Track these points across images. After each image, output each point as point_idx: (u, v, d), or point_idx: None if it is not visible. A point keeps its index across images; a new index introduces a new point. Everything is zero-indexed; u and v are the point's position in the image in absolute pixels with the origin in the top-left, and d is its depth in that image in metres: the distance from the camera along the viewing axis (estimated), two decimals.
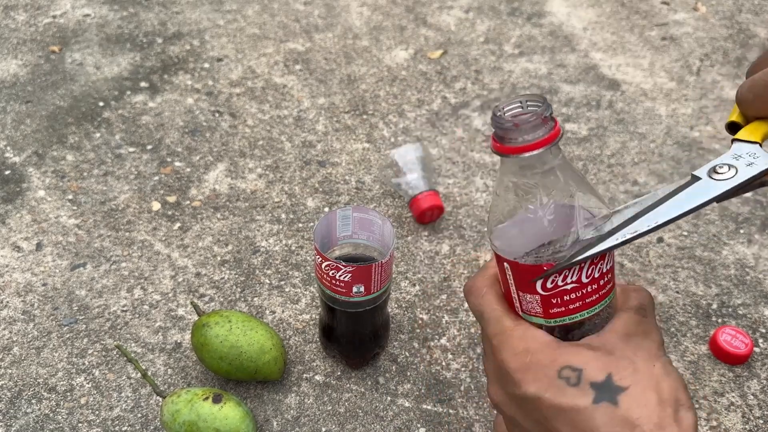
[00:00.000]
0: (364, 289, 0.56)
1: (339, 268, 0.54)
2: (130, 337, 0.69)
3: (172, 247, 0.79)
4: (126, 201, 0.85)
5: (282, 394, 0.64)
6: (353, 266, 0.54)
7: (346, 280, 0.55)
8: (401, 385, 0.65)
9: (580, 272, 0.37)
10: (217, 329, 0.61)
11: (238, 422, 0.57)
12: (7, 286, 0.75)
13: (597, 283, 0.38)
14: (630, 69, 1.11)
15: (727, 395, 0.64)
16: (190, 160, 0.92)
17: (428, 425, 0.62)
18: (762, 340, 0.69)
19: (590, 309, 0.38)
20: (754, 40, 1.18)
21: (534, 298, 0.38)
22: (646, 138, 0.96)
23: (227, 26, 1.21)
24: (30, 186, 0.87)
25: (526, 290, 0.38)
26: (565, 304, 0.38)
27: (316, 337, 0.69)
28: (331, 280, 0.56)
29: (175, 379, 0.65)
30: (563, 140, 0.95)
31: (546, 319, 0.39)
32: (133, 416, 0.62)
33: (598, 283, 0.38)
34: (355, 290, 0.56)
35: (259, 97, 1.03)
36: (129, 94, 1.04)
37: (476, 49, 1.15)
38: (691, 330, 0.70)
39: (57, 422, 0.62)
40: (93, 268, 0.76)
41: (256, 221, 0.83)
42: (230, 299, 0.73)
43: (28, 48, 1.14)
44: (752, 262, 0.77)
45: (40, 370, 0.66)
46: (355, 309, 0.58)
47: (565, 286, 0.37)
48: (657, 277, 0.76)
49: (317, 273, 0.58)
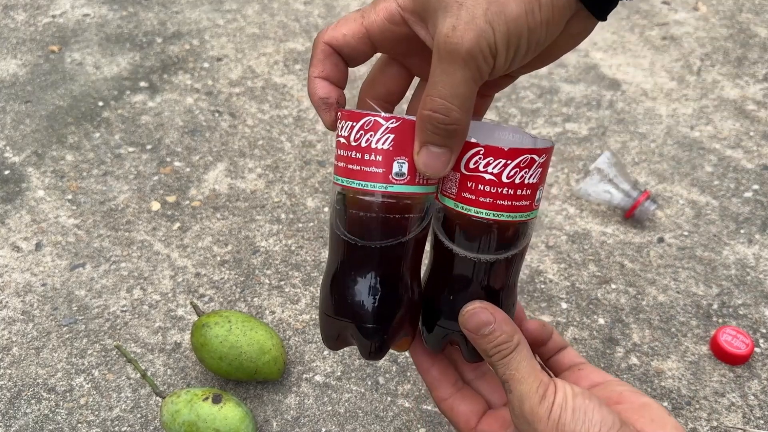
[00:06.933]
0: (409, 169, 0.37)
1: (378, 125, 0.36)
2: (129, 337, 0.69)
3: (172, 247, 0.79)
4: (125, 201, 0.85)
5: (282, 394, 0.64)
6: (400, 119, 0.36)
7: (386, 148, 0.36)
8: (401, 386, 0.65)
9: (503, 168, 0.37)
10: (216, 329, 0.61)
11: (238, 422, 0.56)
12: (7, 286, 0.75)
13: (515, 189, 0.38)
14: (630, 69, 1.11)
15: (727, 395, 0.64)
16: (189, 160, 0.91)
17: (428, 426, 0.61)
18: (762, 341, 0.69)
19: (497, 213, 0.38)
20: (755, 40, 1.18)
21: (455, 176, 0.38)
22: (646, 138, 0.96)
23: (227, 26, 1.21)
24: (29, 186, 0.87)
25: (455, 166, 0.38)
26: (477, 193, 0.38)
27: (317, 337, 0.69)
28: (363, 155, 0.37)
29: (174, 380, 0.65)
30: (563, 140, 0.95)
31: (455, 201, 0.38)
32: (133, 416, 0.62)
33: (515, 191, 0.38)
34: (396, 169, 0.37)
35: (258, 97, 1.03)
36: (128, 93, 1.04)
37: None
38: (691, 330, 0.70)
39: (56, 422, 0.62)
40: (92, 268, 0.76)
41: (255, 221, 0.82)
42: (230, 299, 0.73)
43: (28, 48, 1.14)
44: (753, 262, 0.77)
45: (39, 371, 0.66)
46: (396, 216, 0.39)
47: (484, 174, 0.37)
48: (657, 277, 0.75)
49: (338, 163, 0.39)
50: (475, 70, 0.32)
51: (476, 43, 0.31)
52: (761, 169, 0.90)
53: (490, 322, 0.38)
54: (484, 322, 0.38)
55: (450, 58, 0.32)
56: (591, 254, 0.78)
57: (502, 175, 0.37)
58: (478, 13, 0.31)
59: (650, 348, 0.68)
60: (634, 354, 0.67)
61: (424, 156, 0.35)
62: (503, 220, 0.38)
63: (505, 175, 0.37)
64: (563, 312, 0.71)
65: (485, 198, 0.38)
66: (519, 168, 0.37)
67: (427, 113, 0.34)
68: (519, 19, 0.31)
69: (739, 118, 1.00)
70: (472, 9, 0.31)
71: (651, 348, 0.68)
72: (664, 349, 0.68)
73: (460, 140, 0.36)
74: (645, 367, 0.66)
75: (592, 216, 0.83)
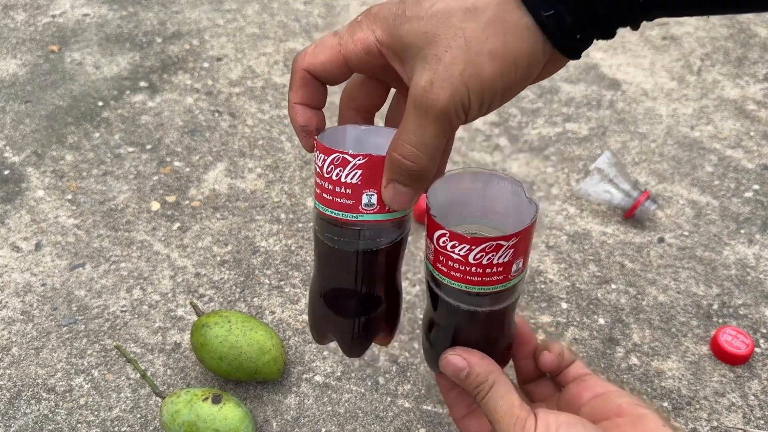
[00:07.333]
0: (377, 200, 0.40)
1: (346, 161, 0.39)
2: (129, 337, 0.69)
3: (172, 247, 0.79)
4: (125, 201, 0.85)
5: (282, 394, 0.64)
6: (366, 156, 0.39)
7: (355, 182, 0.39)
8: (401, 386, 0.65)
9: (469, 252, 0.38)
10: (216, 329, 0.61)
11: (238, 423, 0.56)
12: (6, 286, 0.74)
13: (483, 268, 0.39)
14: (630, 68, 1.11)
15: (727, 395, 0.64)
16: (189, 159, 0.91)
17: (428, 426, 0.61)
18: (763, 341, 0.69)
19: (469, 285, 0.40)
20: (755, 40, 1.18)
21: (430, 245, 0.41)
22: (646, 138, 0.96)
23: (227, 26, 1.21)
24: (29, 186, 0.87)
25: (429, 236, 0.41)
26: (448, 267, 0.40)
27: None
28: (334, 187, 0.40)
29: (174, 380, 0.65)
30: (563, 140, 0.95)
31: (433, 266, 0.41)
32: (133, 417, 0.62)
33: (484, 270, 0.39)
34: (365, 201, 0.40)
35: (258, 97, 1.03)
36: (128, 93, 1.04)
37: None
38: (692, 330, 0.70)
39: (56, 423, 0.62)
40: (92, 268, 0.76)
41: (255, 221, 0.82)
42: (230, 299, 0.73)
43: (28, 48, 1.13)
44: (753, 262, 0.77)
45: (39, 371, 0.66)
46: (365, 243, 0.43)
47: (452, 254, 0.39)
48: (658, 277, 0.75)
49: (317, 187, 0.42)
50: (447, 125, 0.34)
51: (451, 102, 0.33)
52: (761, 169, 0.90)
53: (464, 368, 0.42)
54: (459, 368, 0.42)
55: (424, 111, 0.33)
56: (591, 254, 0.78)
57: (468, 257, 0.38)
58: (455, 72, 0.32)
59: (650, 348, 0.68)
60: (634, 354, 0.67)
61: (391, 192, 0.38)
62: (476, 291, 0.40)
63: (471, 257, 0.38)
64: (563, 312, 0.71)
65: (456, 273, 0.40)
66: (485, 252, 0.38)
67: (396, 157, 0.36)
68: (494, 81, 0.32)
69: (740, 118, 1.00)
70: (450, 67, 0.32)
71: (651, 348, 0.68)
72: (665, 349, 0.68)
73: (425, 183, 0.38)
74: (645, 367, 0.66)
75: (592, 216, 0.83)
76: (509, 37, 0.32)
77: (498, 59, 0.32)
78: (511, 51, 0.32)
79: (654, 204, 0.80)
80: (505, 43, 0.32)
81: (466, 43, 0.32)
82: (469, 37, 0.32)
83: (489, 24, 0.32)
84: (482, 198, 0.42)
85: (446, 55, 0.32)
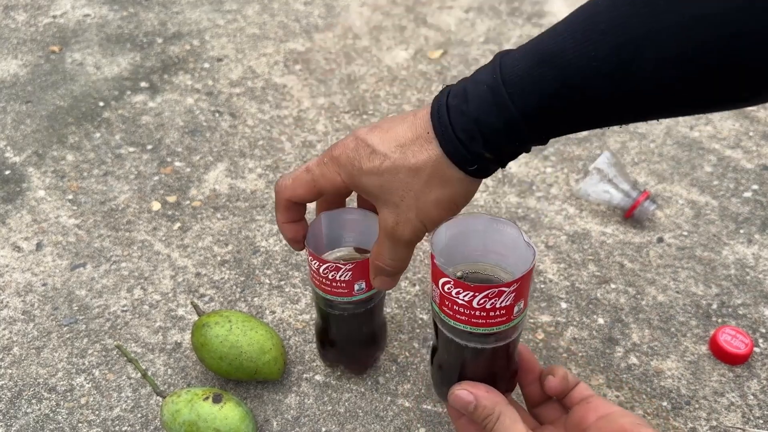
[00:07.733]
0: (366, 286, 0.55)
1: (339, 267, 0.53)
2: (130, 337, 0.69)
3: (172, 247, 0.79)
4: (126, 201, 0.85)
5: (282, 394, 0.64)
6: (353, 263, 0.53)
7: (347, 279, 0.54)
8: (401, 385, 0.65)
9: (473, 298, 0.43)
10: (217, 329, 0.61)
11: (238, 422, 0.57)
12: (7, 286, 0.75)
13: (487, 312, 0.43)
14: None
15: (727, 395, 0.64)
16: (190, 160, 0.92)
17: (428, 425, 0.62)
18: (762, 340, 0.69)
19: (473, 327, 0.44)
20: None
21: (436, 290, 0.46)
22: (646, 138, 0.96)
23: (227, 26, 1.21)
24: (30, 186, 0.87)
25: (434, 281, 0.46)
26: (453, 311, 0.45)
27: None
28: (331, 283, 0.54)
29: (175, 379, 0.65)
30: (563, 140, 0.95)
31: (439, 309, 0.46)
32: (133, 416, 0.62)
33: (488, 313, 0.43)
34: (356, 288, 0.55)
35: (259, 97, 1.04)
36: (129, 94, 1.04)
37: (476, 49, 1.15)
38: (691, 330, 0.70)
39: (57, 422, 0.62)
40: (93, 268, 0.77)
41: (256, 221, 0.83)
42: (230, 299, 0.73)
43: (28, 48, 1.14)
44: (752, 262, 0.77)
45: (40, 370, 0.66)
46: (356, 310, 0.58)
47: (457, 299, 0.44)
48: (657, 277, 0.76)
49: (314, 279, 0.56)
50: (411, 246, 0.46)
51: (413, 234, 0.44)
52: (761, 169, 0.90)
53: (471, 402, 0.46)
54: (467, 402, 0.46)
55: (395, 241, 0.45)
56: (591, 254, 0.78)
57: (472, 302, 0.43)
58: (411, 216, 0.43)
59: (650, 348, 0.68)
60: (633, 354, 0.67)
61: (378, 282, 0.49)
62: (480, 332, 0.45)
63: (475, 302, 0.43)
64: (563, 312, 0.72)
65: (461, 316, 0.44)
66: (488, 298, 0.43)
67: (379, 264, 0.47)
68: (440, 217, 0.43)
69: (739, 118, 1.00)
70: (407, 212, 0.43)
71: (650, 348, 0.68)
72: (664, 349, 0.68)
73: (402, 272, 0.49)
74: (644, 366, 0.66)
75: (591, 216, 0.83)
76: (447, 188, 0.41)
77: (441, 205, 0.42)
78: (450, 195, 0.42)
79: (653, 204, 0.80)
80: (443, 192, 0.41)
81: (414, 195, 0.42)
82: (417, 190, 0.42)
83: (429, 180, 0.41)
84: (482, 239, 0.47)
85: (402, 204, 0.42)
